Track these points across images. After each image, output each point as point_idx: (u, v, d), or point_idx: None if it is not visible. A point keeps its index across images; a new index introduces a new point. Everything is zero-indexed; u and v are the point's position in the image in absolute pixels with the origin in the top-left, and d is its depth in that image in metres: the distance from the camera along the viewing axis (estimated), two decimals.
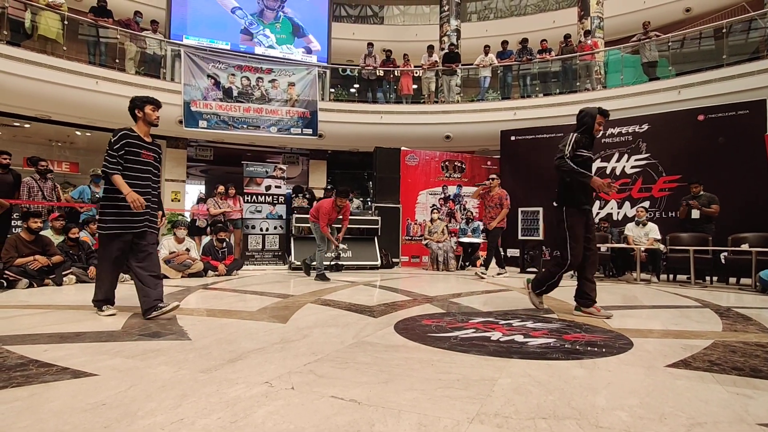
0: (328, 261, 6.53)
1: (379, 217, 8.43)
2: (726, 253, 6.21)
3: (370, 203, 10.78)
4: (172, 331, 2.70)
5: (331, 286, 5.34)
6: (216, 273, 6.29)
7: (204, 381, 1.78)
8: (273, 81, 10.70)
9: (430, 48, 11.69)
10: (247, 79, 10.53)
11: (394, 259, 8.76)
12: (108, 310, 3.16)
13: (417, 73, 11.62)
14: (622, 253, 6.84)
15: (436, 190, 9.79)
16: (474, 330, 2.83)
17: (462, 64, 11.58)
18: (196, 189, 14.28)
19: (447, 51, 11.81)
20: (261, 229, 8.35)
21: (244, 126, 10.40)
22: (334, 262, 6.78)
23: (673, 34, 9.95)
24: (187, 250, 6.21)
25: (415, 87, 11.55)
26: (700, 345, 2.51)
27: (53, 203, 6.26)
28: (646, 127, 7.96)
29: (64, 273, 5.02)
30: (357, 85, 12.11)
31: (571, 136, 3.51)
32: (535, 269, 7.80)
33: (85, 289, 4.64)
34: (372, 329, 2.82)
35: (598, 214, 8.13)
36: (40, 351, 2.17)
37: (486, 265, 6.82)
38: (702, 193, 6.58)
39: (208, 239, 7.29)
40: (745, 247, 5.85)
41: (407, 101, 11.51)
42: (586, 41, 10.81)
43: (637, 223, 6.91)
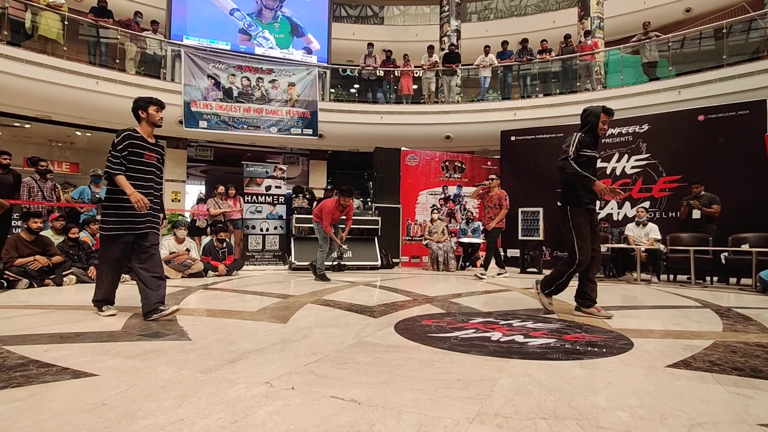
0: (330, 261, 6.49)
1: (379, 218, 8.43)
2: (726, 254, 6.21)
3: (370, 203, 10.78)
4: (173, 331, 2.70)
5: (331, 286, 5.34)
6: (216, 273, 6.29)
7: (204, 381, 1.78)
8: (273, 81, 10.71)
9: (431, 48, 11.69)
10: (248, 79, 10.54)
11: (394, 260, 8.76)
12: (108, 310, 3.16)
13: (417, 73, 11.62)
14: (622, 254, 6.84)
15: (437, 190, 9.79)
16: (474, 330, 2.83)
17: (462, 65, 11.58)
18: (196, 189, 14.28)
19: (447, 51, 11.81)
20: (261, 230, 8.35)
21: (245, 126, 10.41)
22: (337, 261, 6.76)
23: (674, 34, 9.95)
24: (187, 250, 6.21)
25: (415, 87, 11.55)
26: (700, 345, 2.51)
27: (53, 203, 6.27)
28: (646, 127, 7.96)
29: (65, 273, 5.02)
30: (357, 86, 12.11)
31: (575, 136, 3.48)
32: (535, 269, 7.80)
33: (85, 290, 4.64)
34: (372, 329, 2.82)
35: (598, 214, 8.13)
36: (40, 351, 2.17)
37: (485, 266, 6.82)
38: (703, 193, 6.58)
39: (208, 239, 7.29)
40: (745, 247, 5.85)
41: (407, 101, 11.51)
42: (587, 41, 10.81)
43: (638, 224, 6.91)
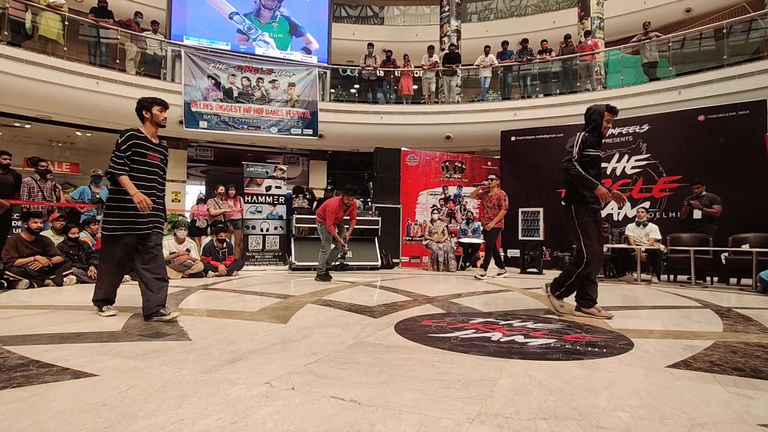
0: (333, 261, 6.45)
1: (379, 218, 8.43)
2: (726, 254, 6.20)
3: (370, 203, 10.78)
4: (173, 331, 2.70)
5: (332, 286, 5.34)
6: (216, 273, 6.29)
7: (204, 381, 1.78)
8: (273, 81, 10.71)
9: (431, 48, 11.69)
10: (248, 79, 10.54)
11: (395, 260, 8.76)
12: (108, 310, 3.16)
13: (417, 73, 11.62)
14: (622, 254, 6.84)
15: (437, 190, 9.79)
16: (474, 330, 2.83)
17: (462, 65, 11.58)
18: (196, 189, 14.29)
19: (447, 51, 11.81)
20: (261, 230, 8.35)
21: (245, 126, 10.41)
22: (339, 261, 6.72)
23: (674, 34, 9.95)
24: (188, 250, 6.21)
25: (415, 87, 11.55)
26: (700, 345, 2.51)
27: (53, 204, 6.27)
28: (646, 127, 7.96)
29: (65, 273, 5.02)
30: (357, 86, 12.12)
31: (578, 136, 3.45)
32: (535, 269, 7.80)
33: (85, 290, 4.64)
34: (372, 330, 2.82)
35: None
36: (40, 351, 2.17)
37: (485, 266, 6.82)
38: (704, 193, 6.58)
39: (208, 239, 7.29)
40: (745, 247, 5.85)
41: (407, 101, 11.51)
42: (587, 42, 10.81)
43: (638, 224, 6.91)
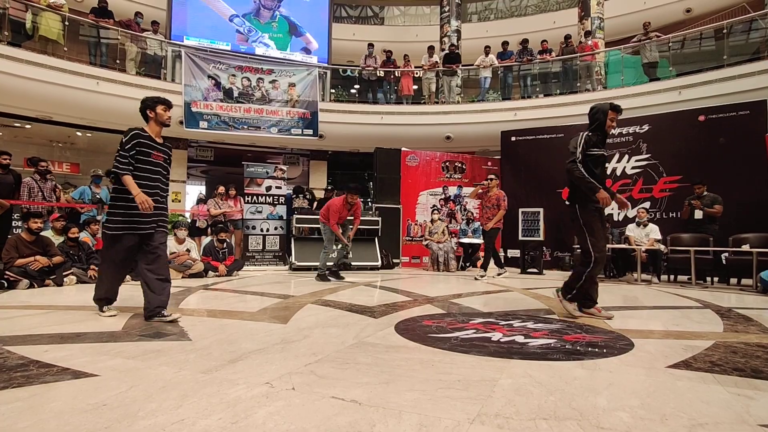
0: (339, 261, 6.42)
1: (379, 218, 8.43)
2: (727, 254, 6.20)
3: (370, 204, 10.78)
4: (173, 331, 2.70)
5: (332, 286, 5.34)
6: (216, 273, 6.29)
7: (205, 381, 1.78)
8: (273, 82, 10.71)
9: (431, 48, 11.69)
10: (248, 79, 10.54)
11: (395, 260, 8.76)
12: (109, 311, 3.16)
13: (417, 73, 11.62)
14: (622, 254, 6.84)
15: (437, 190, 9.79)
16: (474, 331, 2.83)
17: (462, 65, 11.57)
18: (196, 189, 14.30)
19: (447, 52, 11.81)
20: (261, 230, 8.35)
21: (245, 127, 10.41)
22: (342, 261, 6.67)
23: (674, 34, 9.94)
24: (188, 250, 6.21)
25: (415, 87, 11.55)
26: (701, 346, 2.51)
27: (53, 204, 6.27)
28: (646, 127, 7.96)
29: (65, 273, 5.02)
30: (357, 86, 12.12)
31: (581, 136, 3.42)
32: (535, 270, 7.80)
33: (85, 290, 4.64)
34: (372, 330, 2.82)
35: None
36: (40, 351, 2.17)
37: (484, 267, 6.82)
38: (705, 193, 6.57)
39: (208, 240, 7.29)
40: (746, 247, 5.84)
41: (408, 102, 11.51)
42: (587, 42, 10.81)
43: (638, 224, 6.91)
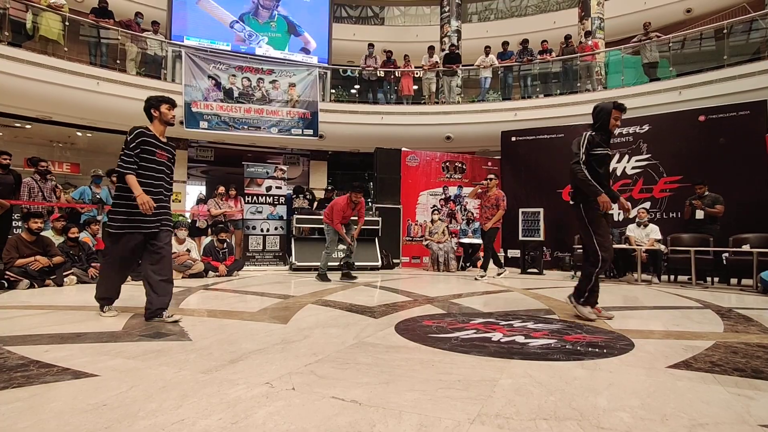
0: (337, 261, 6.39)
1: (379, 218, 8.42)
2: (727, 254, 6.20)
3: (370, 204, 10.77)
4: (173, 331, 2.70)
5: (332, 286, 5.34)
6: (217, 273, 6.29)
7: (205, 382, 1.78)
8: (274, 82, 10.71)
9: (431, 49, 11.69)
10: (248, 79, 10.54)
11: (395, 260, 8.76)
12: (109, 311, 3.16)
13: (418, 73, 11.62)
14: (623, 254, 6.83)
15: (437, 190, 9.79)
16: (475, 331, 2.83)
17: (463, 65, 11.57)
18: (196, 190, 14.30)
19: (448, 52, 11.81)
20: (262, 230, 8.36)
21: (245, 127, 10.41)
22: (345, 260, 6.61)
23: (674, 34, 9.93)
24: (188, 250, 6.21)
25: (415, 88, 11.55)
26: (701, 346, 2.50)
27: (53, 204, 6.27)
28: (646, 127, 7.96)
29: (65, 273, 5.03)
30: (358, 86, 12.11)
31: (584, 136, 3.39)
32: (536, 270, 7.80)
33: (86, 290, 4.64)
34: (373, 330, 2.82)
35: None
36: (41, 352, 2.17)
37: (484, 267, 6.81)
38: (707, 193, 6.57)
39: (208, 240, 7.30)
40: (746, 247, 5.84)
41: (408, 102, 11.51)
42: (587, 42, 10.81)
43: (639, 224, 6.91)
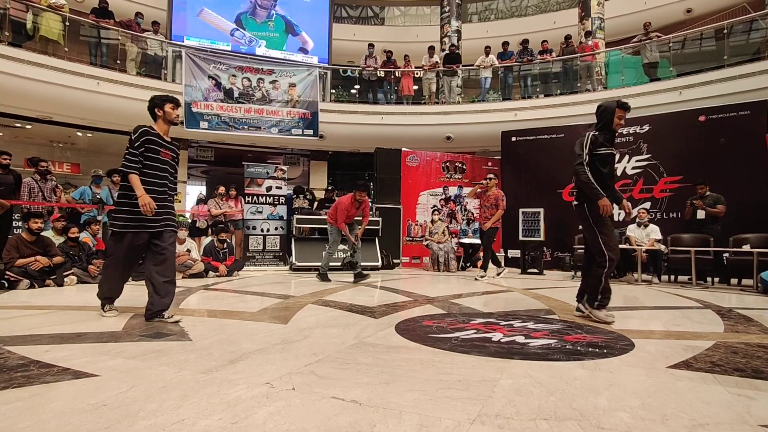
0: (337, 261, 6.35)
1: (379, 218, 8.43)
2: (727, 254, 6.20)
3: (371, 204, 10.78)
4: (173, 331, 2.70)
5: (332, 286, 5.34)
6: (217, 274, 6.29)
7: (205, 382, 1.78)
8: (274, 82, 10.71)
9: (431, 49, 11.69)
10: (248, 80, 10.54)
11: (395, 260, 8.76)
12: (111, 310, 3.15)
13: (418, 73, 11.62)
14: (623, 254, 6.81)
15: (437, 190, 9.79)
16: (475, 331, 2.83)
17: (463, 65, 11.57)
18: (196, 190, 14.30)
19: (448, 52, 11.81)
20: (262, 230, 8.36)
21: (245, 127, 10.41)
22: (348, 260, 6.54)
23: (674, 34, 9.93)
24: (188, 250, 6.22)
25: (415, 88, 11.55)
26: (701, 346, 2.50)
27: (53, 204, 6.27)
28: (647, 127, 7.95)
29: (66, 273, 5.03)
30: (358, 86, 12.11)
31: (587, 136, 3.35)
32: (536, 270, 7.80)
33: (86, 290, 4.64)
34: (373, 330, 2.82)
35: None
36: (41, 352, 2.17)
37: (484, 267, 6.81)
38: (708, 193, 6.57)
39: (208, 240, 7.30)
40: (746, 248, 5.84)
41: (408, 102, 11.51)
42: (587, 42, 10.81)
43: (639, 225, 6.91)
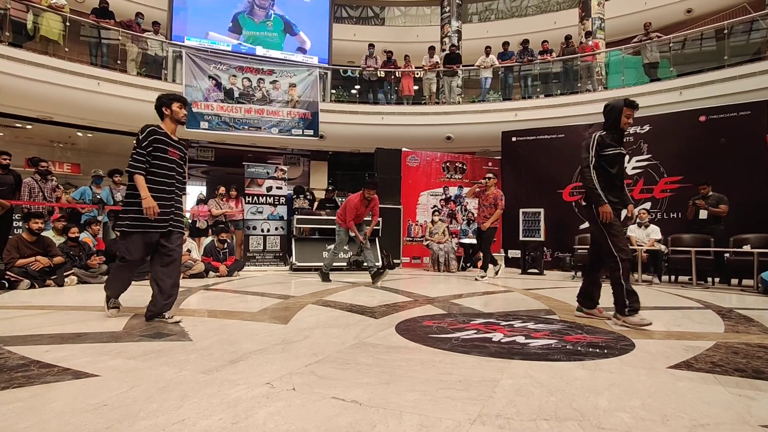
0: (345, 262, 6.31)
1: (380, 218, 8.40)
2: (728, 254, 6.19)
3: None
4: (174, 332, 2.70)
5: (332, 287, 5.34)
6: (217, 274, 6.30)
7: (205, 382, 1.78)
8: (274, 82, 10.71)
9: (431, 49, 11.69)
10: (249, 80, 10.54)
11: (395, 260, 8.75)
12: (113, 308, 3.14)
13: (418, 74, 11.62)
14: None
15: (437, 191, 9.79)
16: (475, 331, 2.83)
17: (463, 65, 11.57)
18: (197, 190, 14.30)
19: (448, 52, 11.82)
20: (262, 230, 8.36)
21: (246, 127, 10.41)
22: (354, 259, 6.47)
23: (675, 35, 9.93)
24: (188, 251, 6.22)
25: (416, 88, 11.55)
26: (702, 346, 2.50)
27: (54, 204, 6.27)
28: (647, 128, 7.95)
29: (66, 274, 5.03)
30: (358, 86, 12.11)
31: (593, 138, 3.31)
32: (536, 270, 7.80)
33: (86, 290, 4.65)
34: (373, 330, 2.82)
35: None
36: (41, 352, 2.17)
37: (484, 268, 6.81)
38: (711, 193, 6.57)
39: (209, 240, 7.30)
40: (747, 248, 5.83)
41: (408, 102, 11.51)
42: (588, 42, 10.81)
43: (639, 225, 6.91)
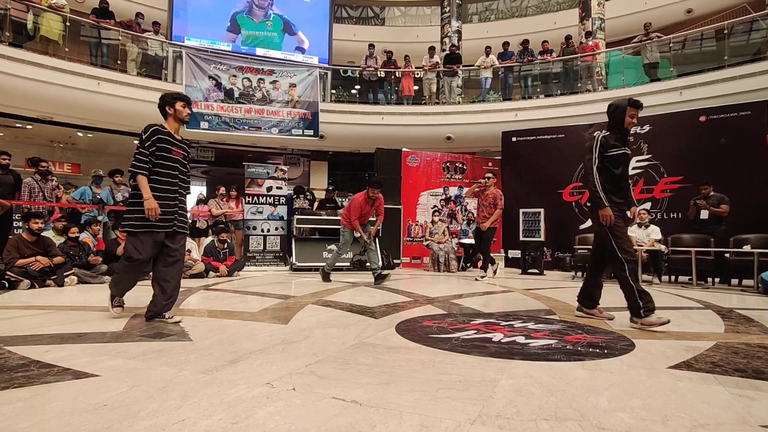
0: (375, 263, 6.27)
1: None
2: (728, 254, 6.19)
3: None
4: (174, 332, 2.70)
5: (332, 287, 5.34)
6: (217, 274, 6.30)
7: (205, 382, 1.78)
8: (274, 82, 10.72)
9: (431, 49, 11.70)
10: (249, 80, 10.55)
11: (395, 261, 8.76)
12: (117, 307, 3.13)
13: (418, 74, 11.63)
14: None
15: (438, 191, 9.79)
16: (475, 331, 2.82)
17: (463, 65, 11.58)
18: (197, 190, 14.29)
19: (448, 52, 11.82)
20: (262, 230, 8.36)
21: (246, 127, 10.42)
22: (357, 258, 6.41)
23: (675, 35, 9.93)
24: (189, 251, 6.21)
25: (416, 88, 11.55)
26: (702, 346, 2.50)
27: (54, 204, 6.28)
28: (647, 128, 7.95)
29: (66, 274, 5.03)
30: (358, 86, 12.12)
31: (596, 139, 3.26)
32: (536, 270, 7.80)
33: (86, 290, 4.65)
34: (373, 330, 2.82)
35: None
36: (41, 352, 2.17)
37: (484, 268, 6.81)
38: (712, 193, 6.57)
39: (209, 240, 7.30)
40: (747, 248, 5.83)
41: (408, 102, 11.52)
42: (588, 42, 10.81)
43: (639, 225, 6.90)
